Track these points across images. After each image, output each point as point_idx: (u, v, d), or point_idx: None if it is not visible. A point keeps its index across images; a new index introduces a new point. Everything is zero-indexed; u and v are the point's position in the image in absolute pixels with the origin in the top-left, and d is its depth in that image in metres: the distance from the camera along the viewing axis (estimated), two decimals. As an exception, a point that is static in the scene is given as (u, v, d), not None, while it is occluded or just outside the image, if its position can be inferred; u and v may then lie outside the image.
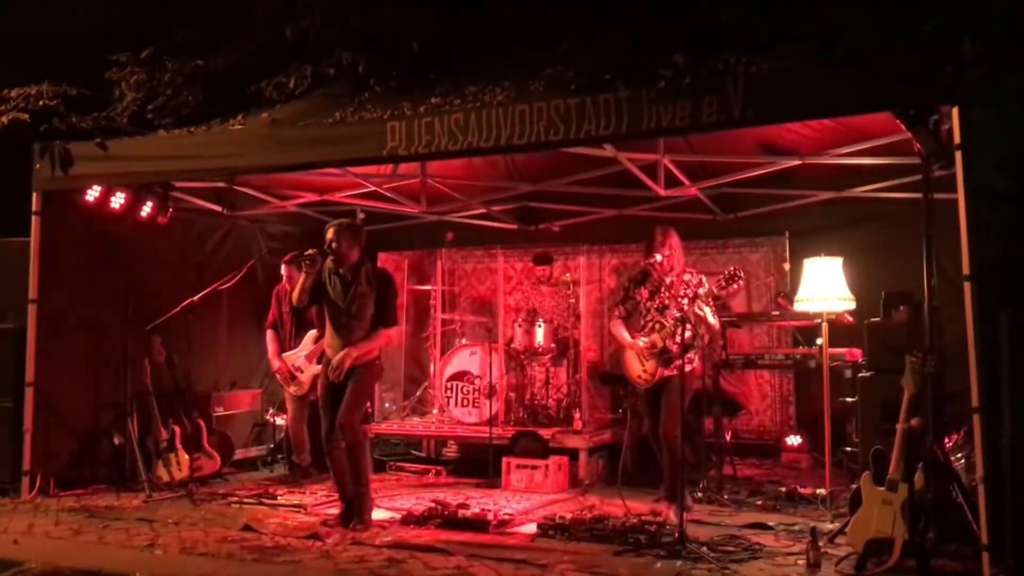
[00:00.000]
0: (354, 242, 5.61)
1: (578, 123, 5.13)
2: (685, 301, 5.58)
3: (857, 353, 6.39)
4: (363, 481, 5.59)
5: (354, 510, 5.55)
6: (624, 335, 5.93)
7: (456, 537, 5.22)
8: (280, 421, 7.99)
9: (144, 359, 7.03)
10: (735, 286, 5.56)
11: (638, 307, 5.92)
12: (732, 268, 5.59)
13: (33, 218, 6.69)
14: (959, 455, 5.22)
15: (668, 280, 5.77)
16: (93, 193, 6.84)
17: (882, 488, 4.60)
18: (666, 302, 5.76)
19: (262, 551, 5.01)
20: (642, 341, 5.77)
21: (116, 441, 6.97)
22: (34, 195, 6.71)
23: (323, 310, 5.77)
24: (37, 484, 6.58)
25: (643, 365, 5.80)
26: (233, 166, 6.47)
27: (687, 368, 5.64)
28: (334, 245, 5.53)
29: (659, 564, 4.67)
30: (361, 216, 8.39)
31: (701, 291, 5.65)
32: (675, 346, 5.59)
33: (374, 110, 5.91)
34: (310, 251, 5.57)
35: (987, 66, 4.42)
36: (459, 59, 6.37)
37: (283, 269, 7.48)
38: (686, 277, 5.81)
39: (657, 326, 5.72)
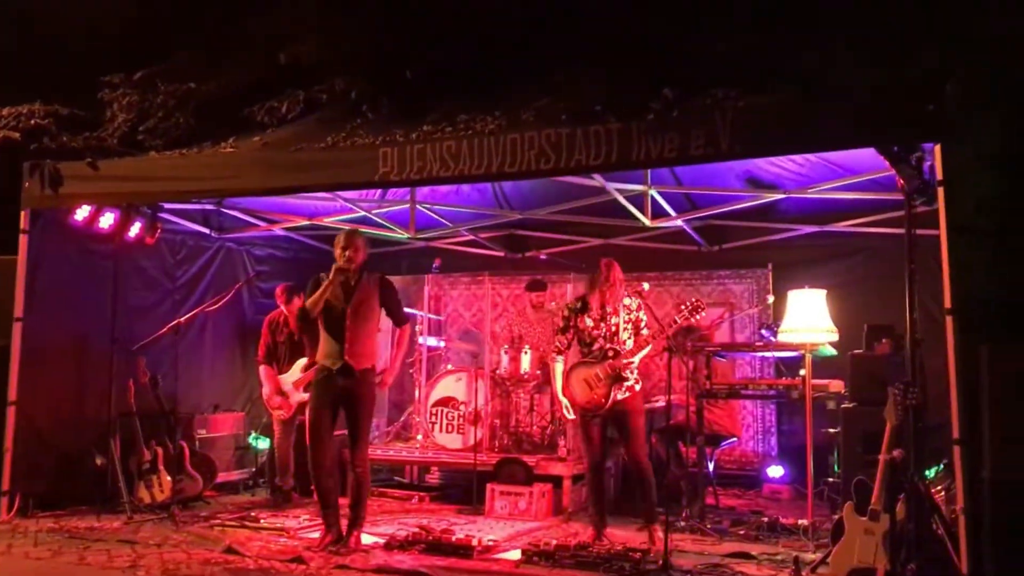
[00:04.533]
0: (362, 247, 5.77)
1: (568, 153, 5.20)
2: (629, 325, 5.74)
3: (839, 384, 6.46)
4: (362, 511, 5.69)
5: (346, 535, 5.58)
6: (558, 374, 5.86)
7: (440, 562, 5.20)
8: (263, 445, 7.95)
9: (128, 380, 7.01)
10: (696, 317, 5.73)
11: (581, 335, 5.87)
12: (694, 299, 5.75)
13: (21, 236, 6.69)
14: (940, 487, 5.28)
15: (609, 308, 5.79)
16: (82, 213, 6.84)
17: (864, 518, 4.65)
18: (613, 328, 5.78)
19: (246, 573, 4.99)
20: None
21: (98, 462, 6.90)
22: (22, 213, 6.71)
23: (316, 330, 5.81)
24: (16, 504, 6.51)
25: (593, 390, 5.71)
26: (224, 188, 6.51)
27: (637, 388, 5.76)
28: (347, 252, 5.60)
29: (643, 592, 4.70)
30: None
31: (642, 313, 5.77)
32: (629, 370, 5.70)
33: (366, 136, 5.95)
34: (338, 265, 5.62)
35: (969, 105, 4.54)
36: (451, 88, 6.44)
37: (280, 297, 7.48)
38: (626, 301, 5.84)
39: (611, 352, 5.70)
